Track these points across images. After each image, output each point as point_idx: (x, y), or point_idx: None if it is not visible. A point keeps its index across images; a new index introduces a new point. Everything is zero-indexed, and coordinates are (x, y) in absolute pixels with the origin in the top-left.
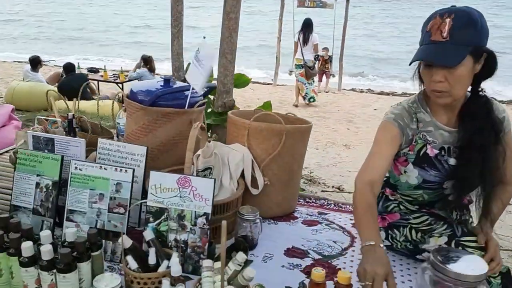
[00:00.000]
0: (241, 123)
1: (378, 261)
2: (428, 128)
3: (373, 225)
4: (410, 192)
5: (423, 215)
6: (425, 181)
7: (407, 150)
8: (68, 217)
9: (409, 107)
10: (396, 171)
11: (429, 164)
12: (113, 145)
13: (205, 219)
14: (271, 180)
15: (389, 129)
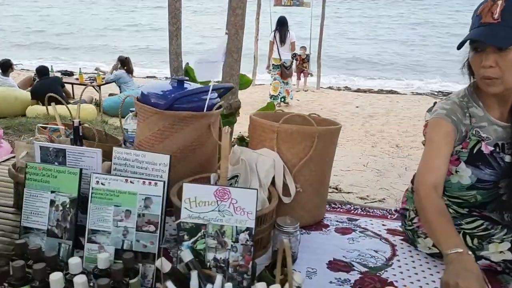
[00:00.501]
0: (269, 126)
1: (471, 274)
2: (481, 124)
3: (452, 230)
4: (462, 193)
5: (476, 219)
6: (479, 181)
7: (460, 147)
8: (90, 238)
9: (460, 102)
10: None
11: (484, 162)
12: (130, 154)
13: (248, 234)
14: (303, 186)
15: (443, 125)
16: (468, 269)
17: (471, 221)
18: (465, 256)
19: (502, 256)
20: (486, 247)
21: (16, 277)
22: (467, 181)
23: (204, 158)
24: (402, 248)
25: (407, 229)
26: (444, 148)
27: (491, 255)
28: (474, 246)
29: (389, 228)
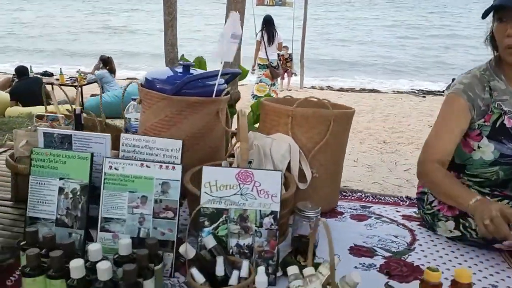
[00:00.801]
0: (284, 110)
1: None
2: (503, 97)
3: (466, 188)
4: (483, 170)
5: (501, 198)
6: (502, 156)
7: (483, 121)
8: (103, 226)
9: (481, 75)
10: (467, 148)
11: (507, 136)
12: (140, 140)
13: (273, 218)
14: (318, 172)
15: (456, 102)
16: (491, 203)
17: (496, 201)
18: (485, 201)
19: None
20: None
21: (31, 267)
22: (490, 156)
23: (212, 146)
24: (421, 233)
25: (426, 213)
26: (454, 126)
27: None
28: None
29: (404, 214)
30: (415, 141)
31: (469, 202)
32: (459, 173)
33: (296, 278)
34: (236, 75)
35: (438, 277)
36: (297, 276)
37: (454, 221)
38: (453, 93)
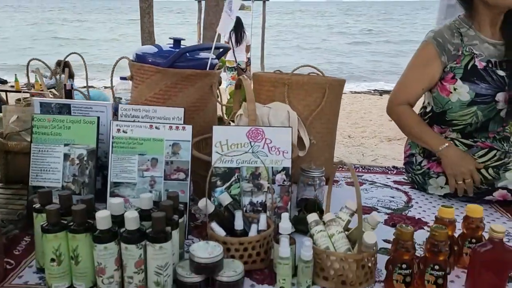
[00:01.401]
0: (279, 79)
1: (464, 158)
2: (473, 42)
3: (435, 133)
4: (463, 112)
5: (488, 150)
6: (477, 95)
7: (454, 63)
8: (113, 191)
9: (451, 24)
10: (445, 92)
11: (479, 77)
12: (139, 111)
13: (285, 174)
14: (315, 139)
15: (426, 49)
16: (460, 155)
17: (483, 154)
18: (452, 147)
19: None
20: (503, 175)
21: (51, 223)
22: (467, 97)
23: (206, 120)
24: (415, 194)
25: (416, 174)
26: (422, 71)
27: (509, 184)
28: (491, 176)
29: (394, 180)
30: (378, 135)
31: (438, 148)
32: (441, 125)
33: (317, 224)
34: (226, 50)
35: (452, 213)
36: (317, 222)
37: (444, 176)
38: (425, 41)
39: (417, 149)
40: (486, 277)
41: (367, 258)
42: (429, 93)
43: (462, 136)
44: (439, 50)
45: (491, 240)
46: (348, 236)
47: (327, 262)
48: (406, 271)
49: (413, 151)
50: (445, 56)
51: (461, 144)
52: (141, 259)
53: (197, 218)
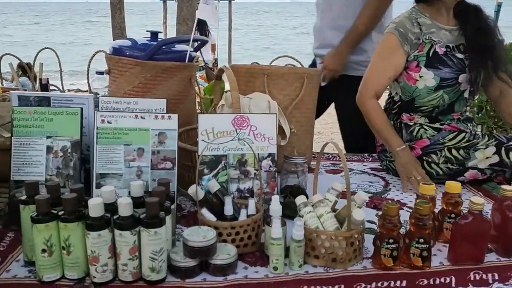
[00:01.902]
0: (259, 70)
1: (414, 159)
2: (431, 30)
3: (395, 134)
4: (430, 97)
5: (457, 133)
6: (442, 80)
7: (417, 52)
8: (99, 183)
9: (409, 14)
10: (411, 81)
11: (441, 63)
12: (120, 103)
13: (271, 160)
14: (295, 128)
15: (388, 40)
16: (411, 157)
17: (453, 137)
18: (407, 150)
19: (488, 161)
20: (473, 155)
21: (41, 213)
22: (432, 82)
23: (186, 114)
24: (392, 179)
25: (390, 161)
26: (387, 62)
27: (479, 163)
28: (461, 156)
29: (371, 167)
30: None
31: (396, 148)
32: (410, 112)
33: (306, 205)
34: (204, 43)
35: (432, 190)
36: (306, 203)
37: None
38: (387, 32)
39: None
40: (467, 248)
41: (355, 235)
42: (396, 83)
43: (429, 121)
44: (401, 39)
45: (471, 213)
46: (336, 216)
47: (317, 241)
48: (393, 246)
49: None
50: (408, 45)
51: (430, 128)
52: (135, 245)
53: (184, 208)
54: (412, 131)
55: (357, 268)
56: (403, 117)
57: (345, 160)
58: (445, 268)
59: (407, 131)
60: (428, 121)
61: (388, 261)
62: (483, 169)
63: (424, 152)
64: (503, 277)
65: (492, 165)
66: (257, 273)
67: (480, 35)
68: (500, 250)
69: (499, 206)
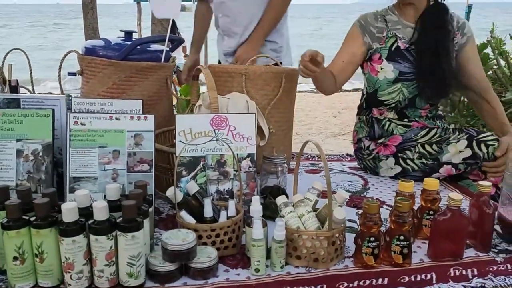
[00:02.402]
0: (236, 69)
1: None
2: (396, 27)
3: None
4: (390, 89)
5: (428, 130)
6: (401, 73)
7: (380, 44)
8: (73, 187)
9: (375, 12)
10: (374, 72)
11: (402, 57)
12: (94, 104)
13: (250, 161)
14: (274, 128)
15: (350, 30)
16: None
17: (425, 133)
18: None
19: (461, 155)
20: (445, 149)
21: (12, 219)
22: (391, 75)
23: (163, 114)
24: (370, 177)
25: (367, 160)
26: (346, 47)
27: (452, 157)
28: (435, 151)
29: (350, 166)
30: (324, 131)
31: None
32: (378, 106)
33: (286, 205)
34: (180, 43)
35: (411, 187)
36: (286, 203)
37: (393, 157)
38: (352, 25)
39: (363, 133)
40: (446, 244)
41: (337, 234)
42: (363, 76)
43: (398, 117)
44: (361, 30)
45: (449, 209)
46: (317, 215)
47: (299, 241)
48: (374, 244)
49: (360, 136)
50: (368, 37)
51: (399, 125)
52: (112, 250)
53: (162, 211)
54: (383, 125)
55: (339, 267)
56: (374, 112)
57: (325, 158)
58: (425, 264)
59: (378, 126)
60: (397, 117)
61: (369, 259)
62: (457, 164)
63: (398, 149)
64: (482, 272)
65: (465, 159)
66: (239, 275)
67: (429, 35)
68: (478, 245)
69: (476, 202)
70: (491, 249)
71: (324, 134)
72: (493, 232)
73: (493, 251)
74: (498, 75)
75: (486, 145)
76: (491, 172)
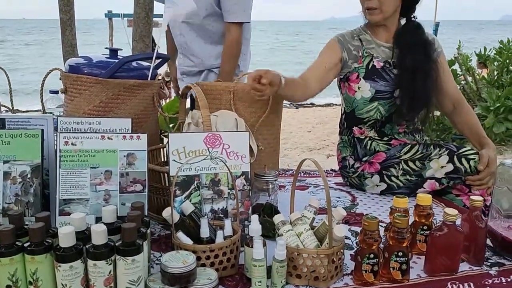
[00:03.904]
0: (225, 87)
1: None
2: (370, 46)
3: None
4: (367, 108)
5: (410, 147)
6: (377, 92)
7: (357, 64)
8: (63, 209)
9: (352, 31)
10: (351, 92)
11: (378, 76)
12: (82, 123)
13: (244, 179)
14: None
15: (328, 43)
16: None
17: (407, 150)
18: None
19: (444, 170)
20: (428, 165)
21: (5, 245)
22: (368, 94)
23: (150, 132)
24: (358, 193)
25: (352, 178)
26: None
27: (435, 172)
28: (418, 167)
29: (336, 182)
30: (299, 146)
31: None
32: (358, 125)
33: (284, 224)
34: (166, 60)
35: (405, 203)
36: (284, 222)
37: (378, 174)
38: (330, 39)
39: (347, 152)
40: (442, 259)
41: (337, 252)
42: (341, 96)
43: (378, 135)
44: (340, 45)
45: (445, 224)
46: (314, 233)
47: (299, 260)
48: (374, 261)
49: (344, 154)
50: (346, 53)
51: (380, 142)
52: (110, 275)
53: (154, 232)
54: (366, 145)
55: (339, 285)
56: (355, 131)
57: (325, 176)
58: (423, 280)
59: (361, 146)
60: (377, 135)
61: (369, 276)
62: (440, 178)
63: (383, 166)
64: (478, 286)
65: (447, 173)
66: None
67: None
68: (472, 259)
69: (468, 217)
70: (484, 262)
71: (300, 149)
72: (485, 246)
73: (486, 264)
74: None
75: (467, 159)
76: (475, 185)
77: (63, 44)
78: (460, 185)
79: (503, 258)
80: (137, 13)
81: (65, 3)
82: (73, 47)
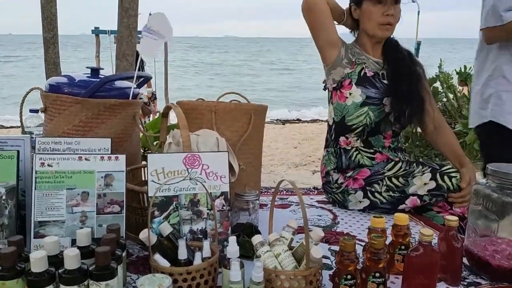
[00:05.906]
0: (206, 106)
1: None
2: (361, 57)
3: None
4: (357, 113)
5: (394, 164)
6: (368, 97)
7: (350, 69)
8: (38, 232)
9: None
10: (342, 99)
11: (369, 83)
12: (60, 143)
13: (224, 199)
14: (244, 164)
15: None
16: None
17: (391, 167)
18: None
19: (426, 187)
20: (411, 182)
21: None
22: (359, 99)
23: (131, 152)
24: (339, 211)
25: (335, 194)
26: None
27: (418, 189)
28: (401, 184)
29: (318, 200)
30: (285, 162)
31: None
32: (345, 134)
33: (263, 245)
34: (148, 80)
35: (383, 223)
36: (263, 243)
37: (361, 190)
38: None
39: (331, 165)
40: (419, 279)
41: (314, 273)
42: (331, 106)
43: (364, 145)
44: (341, 42)
45: (421, 244)
46: (293, 253)
47: (277, 282)
48: (351, 282)
49: (328, 168)
50: (344, 50)
51: (365, 154)
52: None
53: (131, 253)
54: (351, 156)
55: None
56: (341, 142)
57: (301, 196)
58: None
59: (346, 157)
60: (363, 145)
61: None
62: (422, 195)
63: (366, 182)
64: None
65: (430, 190)
66: None
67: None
68: (449, 279)
69: (444, 236)
70: (461, 282)
71: (286, 165)
72: (462, 265)
73: (463, 284)
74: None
75: (449, 177)
76: (457, 202)
77: (46, 63)
78: (442, 202)
79: (480, 277)
80: (120, 32)
81: (49, 22)
82: (56, 66)
